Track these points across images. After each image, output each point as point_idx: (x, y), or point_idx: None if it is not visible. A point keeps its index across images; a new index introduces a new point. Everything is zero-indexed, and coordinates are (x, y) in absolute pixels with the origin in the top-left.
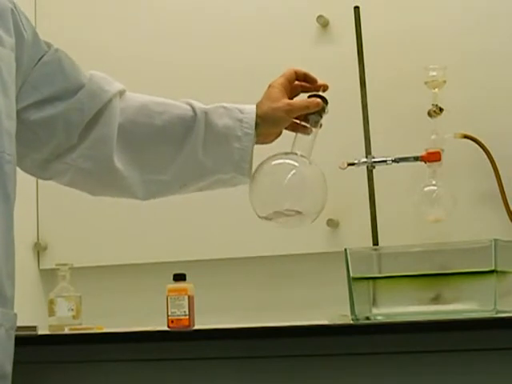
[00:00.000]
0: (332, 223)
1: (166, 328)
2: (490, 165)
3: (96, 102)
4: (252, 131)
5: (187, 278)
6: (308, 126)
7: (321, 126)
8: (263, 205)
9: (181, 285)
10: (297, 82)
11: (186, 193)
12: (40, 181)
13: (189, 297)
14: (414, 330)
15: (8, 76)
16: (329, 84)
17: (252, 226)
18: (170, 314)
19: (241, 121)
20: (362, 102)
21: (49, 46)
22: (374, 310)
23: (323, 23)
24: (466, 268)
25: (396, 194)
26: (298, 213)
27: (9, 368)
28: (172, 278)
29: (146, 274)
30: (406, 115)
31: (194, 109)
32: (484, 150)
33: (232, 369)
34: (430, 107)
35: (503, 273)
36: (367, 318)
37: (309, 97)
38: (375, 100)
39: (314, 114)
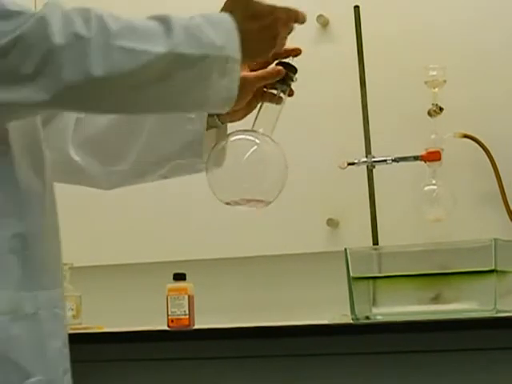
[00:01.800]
0: (332, 223)
1: (165, 327)
2: (490, 164)
3: None
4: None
5: (187, 277)
6: (275, 94)
7: (291, 94)
8: (220, 187)
9: (181, 284)
10: None
11: (151, 181)
12: None
13: (189, 296)
14: (413, 330)
15: None
16: (329, 83)
17: (252, 226)
18: (169, 313)
19: None
20: (362, 101)
21: None
22: (374, 310)
23: (323, 23)
24: (466, 267)
25: (396, 193)
26: (257, 201)
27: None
28: (172, 277)
29: (145, 274)
30: (406, 115)
31: None
32: (484, 149)
33: (232, 368)
34: (430, 107)
35: (503, 272)
36: (367, 318)
37: (276, 65)
38: (375, 100)
39: (280, 82)
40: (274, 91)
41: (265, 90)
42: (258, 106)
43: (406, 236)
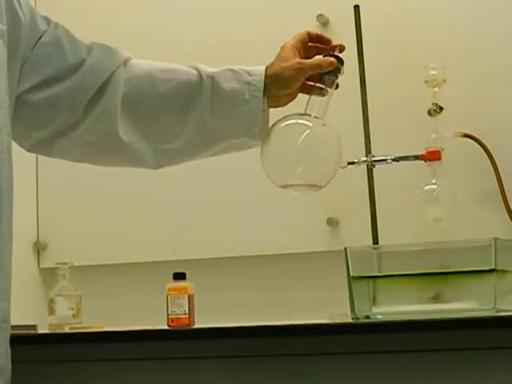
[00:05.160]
0: (332, 222)
1: (165, 327)
2: (489, 164)
3: (98, 77)
4: (260, 94)
5: (187, 276)
6: (323, 86)
7: (337, 87)
8: (275, 169)
9: (181, 284)
10: (311, 44)
11: (199, 159)
12: (40, 179)
13: (189, 296)
14: (413, 329)
15: None
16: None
17: (252, 225)
18: (170, 312)
19: (249, 83)
20: (362, 100)
21: (48, 22)
22: (374, 309)
23: (323, 22)
24: (466, 267)
25: (396, 192)
26: (311, 186)
27: (4, 362)
28: (172, 276)
29: (146, 273)
30: (406, 114)
31: (200, 73)
32: (484, 148)
33: (232, 367)
34: (430, 106)
35: (503, 272)
36: (367, 317)
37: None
38: (375, 99)
39: (328, 74)
40: (322, 85)
41: (311, 84)
42: (305, 97)
43: (405, 235)
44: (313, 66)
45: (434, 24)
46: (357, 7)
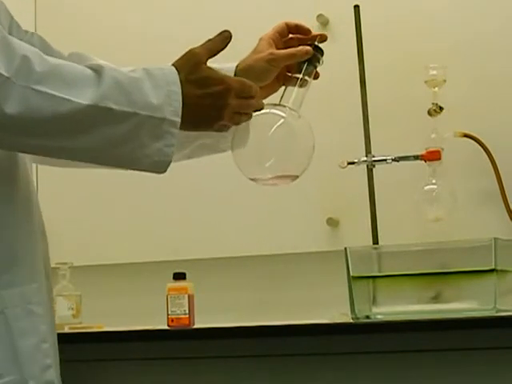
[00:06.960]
0: (332, 222)
1: (165, 327)
2: (489, 164)
3: None
4: None
5: (187, 276)
6: (300, 76)
7: (316, 77)
8: (245, 161)
9: (181, 284)
10: (292, 36)
11: (174, 161)
12: (40, 179)
13: (189, 296)
14: (413, 329)
15: None
16: (329, 83)
17: (252, 225)
18: (170, 312)
19: None
20: (362, 100)
21: (25, 31)
22: (374, 309)
23: (323, 22)
24: (466, 267)
25: (396, 192)
26: (283, 176)
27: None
28: (172, 276)
29: (146, 273)
30: (406, 114)
31: None
32: (484, 148)
33: (232, 367)
34: (430, 106)
35: (503, 272)
36: (367, 317)
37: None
38: (375, 99)
39: (306, 64)
40: (299, 75)
41: (289, 74)
42: (283, 88)
43: (406, 235)
44: (286, 56)
45: (434, 24)
46: (357, 7)
